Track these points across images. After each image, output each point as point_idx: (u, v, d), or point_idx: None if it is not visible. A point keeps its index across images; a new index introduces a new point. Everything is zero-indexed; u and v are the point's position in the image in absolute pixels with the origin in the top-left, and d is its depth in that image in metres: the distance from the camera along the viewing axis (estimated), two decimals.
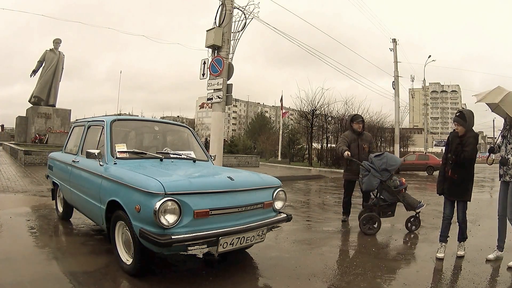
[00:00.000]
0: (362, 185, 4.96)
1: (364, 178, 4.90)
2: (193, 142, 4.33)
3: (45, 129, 17.27)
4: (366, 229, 4.78)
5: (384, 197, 4.93)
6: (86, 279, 2.82)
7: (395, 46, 23.88)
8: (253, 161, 19.31)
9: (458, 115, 3.83)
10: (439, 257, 3.76)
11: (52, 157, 4.99)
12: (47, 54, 18.10)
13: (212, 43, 8.89)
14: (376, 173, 4.82)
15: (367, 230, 4.77)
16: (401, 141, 27.58)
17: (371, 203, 4.99)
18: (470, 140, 3.73)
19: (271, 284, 2.99)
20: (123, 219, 2.87)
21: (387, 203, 4.93)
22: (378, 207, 4.90)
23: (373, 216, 4.82)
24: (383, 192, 4.91)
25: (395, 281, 3.14)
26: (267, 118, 64.31)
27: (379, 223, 4.82)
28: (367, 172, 4.89)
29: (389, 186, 4.88)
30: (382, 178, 4.83)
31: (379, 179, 4.82)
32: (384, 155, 5.01)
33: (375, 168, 4.84)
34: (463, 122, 3.77)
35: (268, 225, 3.17)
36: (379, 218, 4.84)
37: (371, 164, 4.90)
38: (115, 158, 3.35)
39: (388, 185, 4.87)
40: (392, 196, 4.91)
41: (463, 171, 3.76)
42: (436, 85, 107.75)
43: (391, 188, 4.88)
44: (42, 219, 4.81)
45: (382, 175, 4.83)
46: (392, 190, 4.89)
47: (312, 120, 22.26)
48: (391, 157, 5.03)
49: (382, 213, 4.92)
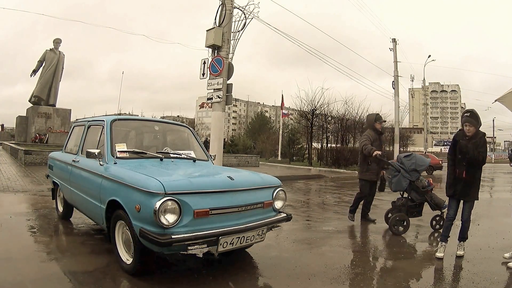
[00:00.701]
0: (391, 185, 4.96)
1: (394, 179, 4.91)
2: (193, 142, 4.34)
3: (45, 129, 17.28)
4: (396, 230, 4.80)
5: (412, 197, 4.94)
6: (86, 279, 2.82)
7: (395, 46, 23.88)
8: (253, 161, 19.30)
9: (469, 116, 3.72)
10: (439, 256, 3.77)
11: (52, 156, 5.00)
12: (47, 54, 18.11)
13: (212, 43, 8.89)
14: (406, 173, 4.83)
15: (397, 231, 4.80)
16: (401, 140, 27.57)
17: (400, 204, 5.00)
18: (483, 140, 3.72)
19: (271, 284, 3.00)
20: (123, 218, 2.87)
21: (415, 203, 4.94)
22: (406, 207, 4.92)
23: (403, 217, 4.84)
24: (412, 192, 4.91)
25: (395, 281, 3.14)
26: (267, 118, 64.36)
27: (408, 223, 4.84)
28: (397, 172, 4.89)
29: (418, 186, 4.89)
30: (412, 179, 4.84)
31: (409, 180, 4.83)
32: (413, 156, 5.02)
33: (405, 169, 4.85)
34: (475, 123, 3.71)
35: (268, 224, 3.17)
36: (408, 218, 4.86)
37: (401, 165, 4.90)
38: (115, 158, 3.36)
39: (417, 186, 4.88)
40: (420, 196, 4.92)
41: (476, 171, 3.74)
42: (436, 85, 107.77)
43: (420, 188, 4.90)
44: (42, 219, 4.82)
45: (411, 175, 4.84)
46: (421, 190, 4.90)
47: (312, 119, 22.26)
48: (419, 157, 5.05)
49: (409, 213, 4.93)
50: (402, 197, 5.04)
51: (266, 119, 61.42)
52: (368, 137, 5.35)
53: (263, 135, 36.00)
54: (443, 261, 3.70)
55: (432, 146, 67.06)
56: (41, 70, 18.14)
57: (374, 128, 5.48)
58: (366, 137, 5.37)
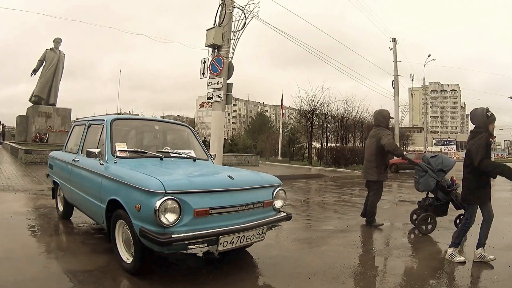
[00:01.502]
0: (419, 185, 4.96)
1: (421, 179, 4.91)
2: (193, 141, 4.34)
3: (46, 128, 17.29)
4: (423, 229, 4.85)
5: (438, 197, 4.95)
6: (86, 278, 2.82)
7: (395, 45, 23.92)
8: (253, 160, 19.29)
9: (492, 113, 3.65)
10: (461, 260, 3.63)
11: (53, 156, 5.00)
12: (48, 53, 18.12)
13: (212, 42, 8.90)
14: (433, 173, 4.85)
15: (425, 230, 4.84)
16: (401, 140, 27.62)
17: (427, 203, 5.03)
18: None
19: (271, 283, 3.00)
20: (124, 218, 2.87)
21: (441, 202, 4.95)
22: (433, 207, 4.94)
23: (430, 216, 4.88)
24: (438, 192, 4.93)
25: (395, 280, 3.14)
26: (267, 117, 64.31)
27: (435, 222, 4.88)
28: (424, 173, 4.91)
29: (443, 186, 4.90)
30: (438, 179, 4.85)
31: (436, 180, 4.85)
32: (439, 156, 5.04)
33: (432, 169, 4.86)
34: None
35: (268, 224, 3.18)
36: (435, 217, 4.89)
37: (427, 165, 4.91)
38: (116, 157, 3.36)
39: (442, 185, 4.90)
40: (446, 196, 4.94)
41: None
42: (436, 84, 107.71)
43: (445, 188, 4.92)
44: (42, 218, 4.82)
45: (438, 175, 4.85)
46: (446, 189, 4.92)
47: (312, 119, 22.25)
48: (446, 157, 5.07)
49: (435, 212, 4.95)
50: (428, 197, 5.07)
51: (266, 118, 61.37)
52: (391, 136, 5.17)
53: (263, 135, 36.01)
54: (443, 261, 3.71)
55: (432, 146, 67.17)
56: (41, 69, 18.16)
57: (388, 126, 5.39)
58: (391, 136, 5.15)
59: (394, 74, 23.76)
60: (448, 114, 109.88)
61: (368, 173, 5.30)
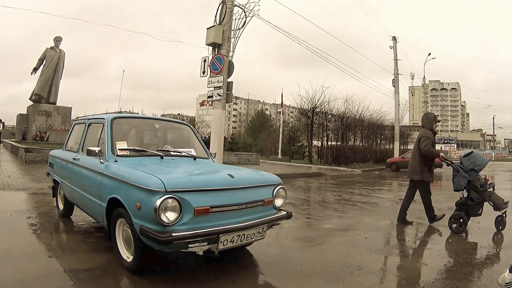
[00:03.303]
0: (453, 185, 4.99)
1: (454, 178, 4.94)
2: (193, 140, 4.33)
3: (46, 127, 17.30)
4: (456, 228, 4.84)
5: (472, 196, 4.93)
6: (86, 276, 2.83)
7: (395, 44, 23.90)
8: (254, 159, 19.29)
9: None
10: None
11: (53, 154, 5.00)
12: (48, 52, 18.12)
13: (212, 41, 8.89)
14: (464, 173, 4.85)
15: (455, 229, 4.84)
16: (401, 138, 27.60)
17: (460, 203, 5.02)
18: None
19: (271, 281, 3.00)
20: (124, 216, 2.87)
21: (475, 202, 4.92)
22: (466, 206, 4.93)
23: (461, 215, 4.87)
24: (471, 191, 4.92)
25: (395, 280, 3.15)
26: (268, 116, 64.21)
27: (465, 222, 4.86)
28: (457, 172, 4.92)
29: (476, 185, 4.88)
30: (470, 178, 4.84)
31: (467, 179, 4.84)
32: (472, 155, 5.01)
33: (464, 169, 4.87)
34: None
35: (268, 222, 3.17)
36: (465, 217, 4.87)
37: (460, 165, 4.92)
38: (116, 156, 3.36)
39: (475, 185, 4.87)
40: (479, 195, 4.91)
41: None
42: (436, 83, 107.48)
43: (478, 187, 4.89)
44: (42, 217, 4.83)
45: (470, 175, 4.84)
46: (479, 189, 4.89)
47: (312, 117, 22.25)
48: (478, 156, 5.02)
49: (471, 212, 4.92)
50: (463, 197, 5.05)
51: (266, 117, 61.26)
52: (431, 139, 5.23)
53: (264, 133, 36.02)
54: (442, 259, 3.71)
55: None
56: (41, 68, 18.16)
57: (432, 129, 5.38)
58: (430, 139, 5.21)
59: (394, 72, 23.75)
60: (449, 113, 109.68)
61: (412, 173, 5.40)
